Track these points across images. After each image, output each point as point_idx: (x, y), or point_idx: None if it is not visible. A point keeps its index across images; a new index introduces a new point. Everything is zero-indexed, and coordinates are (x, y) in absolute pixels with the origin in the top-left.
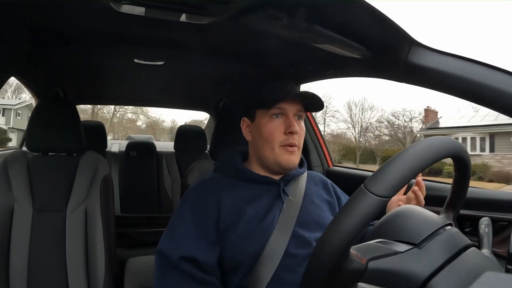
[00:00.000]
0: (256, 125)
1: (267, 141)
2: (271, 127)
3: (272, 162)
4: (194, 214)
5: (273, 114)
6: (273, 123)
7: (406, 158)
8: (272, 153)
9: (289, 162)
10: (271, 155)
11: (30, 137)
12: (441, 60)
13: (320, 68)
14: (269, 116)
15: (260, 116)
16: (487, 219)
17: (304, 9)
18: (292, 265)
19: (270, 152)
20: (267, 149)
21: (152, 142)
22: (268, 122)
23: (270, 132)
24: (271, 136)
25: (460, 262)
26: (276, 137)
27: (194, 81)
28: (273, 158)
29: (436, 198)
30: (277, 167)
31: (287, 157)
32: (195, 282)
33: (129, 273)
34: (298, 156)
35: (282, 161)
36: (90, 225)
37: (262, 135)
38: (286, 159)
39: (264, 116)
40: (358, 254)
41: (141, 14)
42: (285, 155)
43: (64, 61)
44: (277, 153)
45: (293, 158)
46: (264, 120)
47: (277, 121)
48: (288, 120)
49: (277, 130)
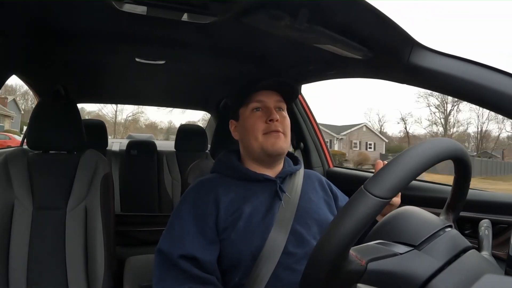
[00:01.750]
0: (241, 122)
1: (250, 132)
2: (253, 119)
3: (259, 150)
4: (193, 214)
5: (253, 108)
6: (254, 116)
7: (406, 160)
8: (256, 142)
9: (275, 146)
10: (256, 144)
11: (31, 135)
12: (443, 61)
13: (321, 69)
14: (250, 111)
15: (243, 113)
16: (487, 221)
17: (306, 10)
18: (291, 263)
19: (254, 141)
20: (251, 139)
21: (153, 141)
22: (250, 116)
23: (252, 123)
24: (253, 127)
25: (459, 264)
26: (258, 126)
27: (195, 80)
28: (259, 146)
29: (436, 199)
30: (264, 155)
31: (271, 142)
32: (194, 281)
33: (129, 272)
34: (285, 142)
35: (267, 147)
36: (90, 223)
37: (246, 129)
38: (271, 143)
39: (245, 112)
40: (357, 255)
41: (143, 13)
42: (270, 139)
43: (65, 59)
44: (261, 141)
45: (279, 142)
46: (245, 115)
47: (257, 113)
48: (268, 110)
49: (258, 121)
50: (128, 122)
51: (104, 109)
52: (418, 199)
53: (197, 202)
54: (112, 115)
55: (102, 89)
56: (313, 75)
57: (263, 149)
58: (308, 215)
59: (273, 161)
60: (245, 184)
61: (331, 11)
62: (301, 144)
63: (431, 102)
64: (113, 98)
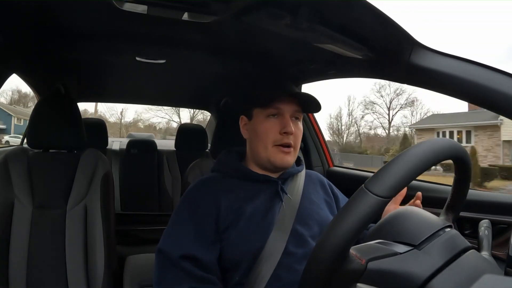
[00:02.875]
0: (253, 124)
1: (261, 139)
2: (267, 126)
3: (265, 160)
4: (194, 213)
5: (269, 114)
6: (269, 122)
7: (407, 159)
8: (265, 152)
9: (283, 161)
10: (264, 154)
11: (31, 134)
12: (443, 61)
13: (322, 68)
14: (265, 115)
15: (257, 114)
16: (487, 221)
17: (306, 9)
18: (291, 263)
19: (263, 150)
20: (260, 147)
21: (153, 140)
22: (264, 121)
23: (265, 131)
24: (265, 135)
25: (459, 264)
26: (271, 136)
27: (195, 79)
28: (266, 157)
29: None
30: (270, 166)
31: (280, 157)
32: (195, 280)
33: (129, 271)
34: (293, 157)
35: (275, 160)
36: (90, 222)
37: (257, 134)
38: (280, 158)
39: (260, 115)
40: (357, 254)
41: (143, 12)
42: (279, 154)
43: (65, 58)
44: (270, 152)
45: (288, 158)
46: (260, 118)
47: (273, 120)
48: (284, 120)
49: (272, 129)
50: (128, 124)
51: (106, 113)
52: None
53: (197, 201)
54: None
55: (102, 88)
56: (314, 75)
57: (270, 161)
58: (309, 216)
59: (277, 171)
60: (246, 184)
61: (331, 10)
62: (301, 144)
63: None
64: (113, 97)
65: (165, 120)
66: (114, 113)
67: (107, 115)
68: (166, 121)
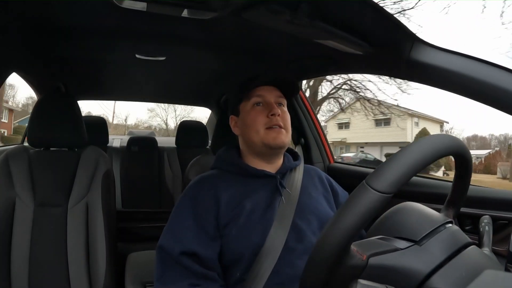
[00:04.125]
0: (242, 117)
1: (252, 126)
2: (254, 114)
3: (260, 144)
4: (194, 210)
5: (254, 103)
6: (255, 110)
7: (408, 155)
8: (257, 136)
9: (276, 140)
10: (257, 138)
11: (31, 132)
12: (444, 57)
13: (322, 64)
14: (251, 106)
15: (243, 108)
16: (487, 217)
17: (306, 5)
18: (292, 258)
19: (255, 135)
20: (252, 133)
21: (154, 137)
22: (251, 111)
23: (254, 118)
24: (254, 121)
25: (460, 260)
26: (260, 120)
27: (195, 76)
28: (260, 140)
29: (437, 195)
30: (265, 149)
31: (273, 136)
32: (195, 277)
33: (130, 268)
34: (286, 137)
35: (269, 141)
36: (91, 220)
37: (247, 123)
38: (273, 137)
39: (246, 107)
40: (358, 250)
41: (142, 9)
42: (271, 134)
43: (65, 56)
44: (262, 135)
45: (280, 136)
46: (247, 109)
47: (258, 108)
48: (269, 104)
49: (260, 115)
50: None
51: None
52: (419, 195)
53: (197, 198)
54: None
55: (102, 86)
56: (314, 70)
57: (264, 143)
58: (309, 210)
59: (274, 154)
60: (246, 180)
61: (331, 6)
62: (301, 139)
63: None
64: (113, 94)
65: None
66: (120, 121)
67: (110, 119)
68: (163, 120)
